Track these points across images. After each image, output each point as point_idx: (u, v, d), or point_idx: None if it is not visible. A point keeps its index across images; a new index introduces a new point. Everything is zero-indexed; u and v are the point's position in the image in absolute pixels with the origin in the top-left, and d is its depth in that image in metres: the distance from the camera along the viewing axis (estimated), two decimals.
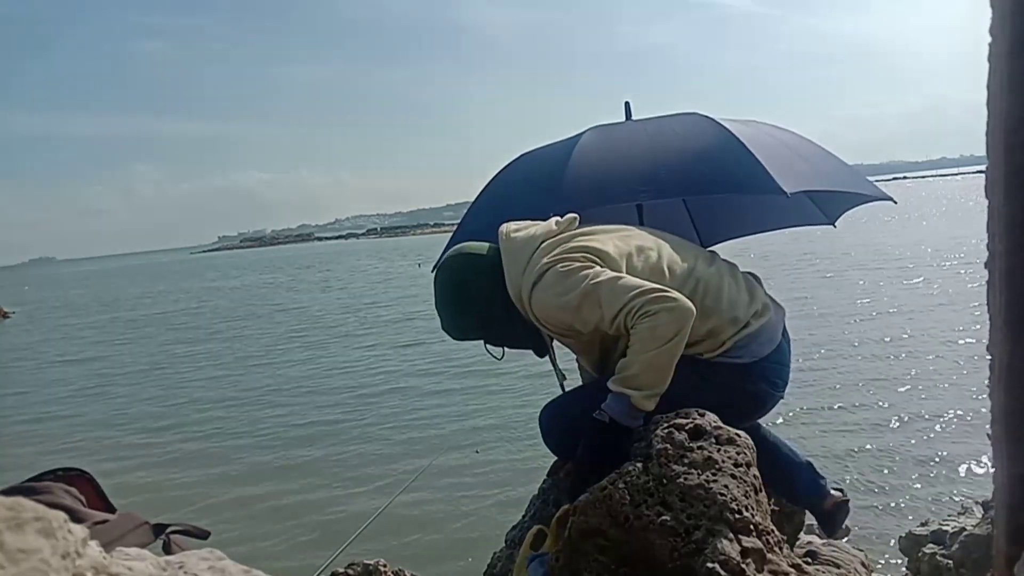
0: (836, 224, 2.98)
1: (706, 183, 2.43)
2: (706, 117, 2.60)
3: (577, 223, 2.03)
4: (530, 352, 2.13)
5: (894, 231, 24.94)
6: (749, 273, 2.15)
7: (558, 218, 2.04)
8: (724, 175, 2.36)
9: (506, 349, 2.11)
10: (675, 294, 1.73)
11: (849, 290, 13.71)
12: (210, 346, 15.09)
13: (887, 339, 9.36)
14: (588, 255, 1.87)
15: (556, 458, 2.09)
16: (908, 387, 7.24)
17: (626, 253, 1.91)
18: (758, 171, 2.27)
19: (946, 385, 7.14)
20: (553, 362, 2.15)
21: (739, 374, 1.90)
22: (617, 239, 1.96)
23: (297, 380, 10.67)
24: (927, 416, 6.37)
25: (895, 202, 2.76)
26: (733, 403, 1.85)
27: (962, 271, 14.42)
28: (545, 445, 2.07)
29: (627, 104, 2.89)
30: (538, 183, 2.54)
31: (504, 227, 2.03)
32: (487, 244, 2.04)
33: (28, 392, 11.99)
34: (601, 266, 1.85)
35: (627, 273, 1.83)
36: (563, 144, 2.68)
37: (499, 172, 2.82)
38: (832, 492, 2.16)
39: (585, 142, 2.57)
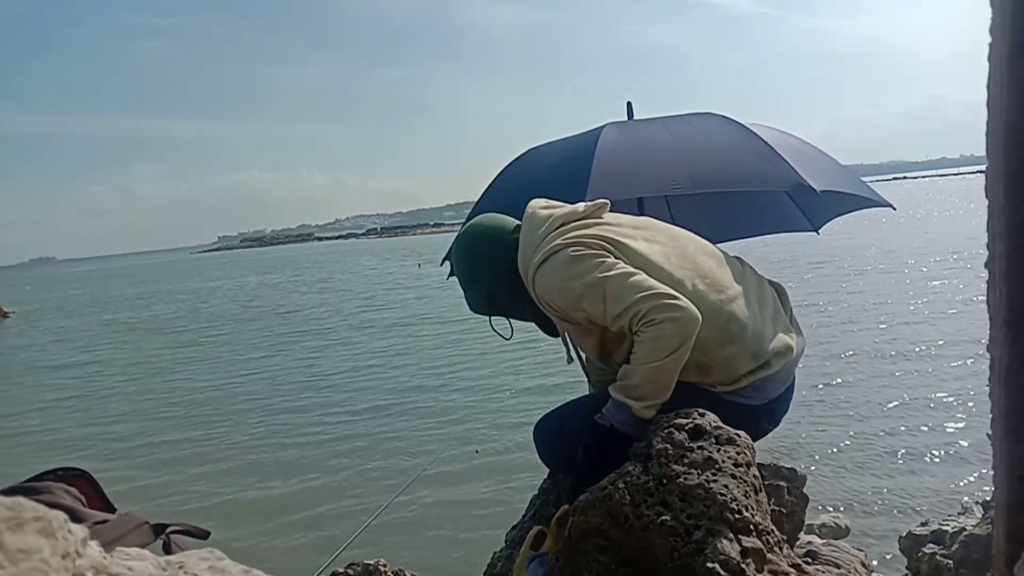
0: (820, 232, 2.96)
1: (739, 178, 2.40)
2: (724, 117, 2.60)
3: (607, 209, 1.96)
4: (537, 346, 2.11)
5: (891, 231, 24.95)
6: (774, 285, 2.05)
7: (587, 203, 1.96)
8: (756, 171, 2.34)
9: (515, 329, 2.06)
10: (683, 301, 1.65)
11: (848, 291, 13.72)
12: (210, 348, 15.07)
13: (885, 339, 9.35)
14: (604, 243, 1.79)
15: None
16: (907, 387, 7.24)
17: (649, 253, 1.82)
18: (786, 168, 2.27)
19: (946, 385, 7.13)
20: (565, 343, 2.07)
21: (744, 414, 1.80)
22: (643, 239, 1.86)
23: (297, 382, 10.67)
24: (927, 416, 6.37)
25: (895, 208, 2.75)
26: None
27: (959, 271, 14.42)
28: (540, 460, 2.05)
29: (629, 104, 2.89)
30: (561, 172, 2.50)
31: (533, 202, 1.97)
32: (515, 222, 1.99)
33: (28, 392, 11.99)
34: (616, 257, 1.76)
35: (646, 275, 1.74)
36: (581, 138, 2.64)
37: (509, 164, 2.79)
38: None
39: (608, 136, 2.53)
